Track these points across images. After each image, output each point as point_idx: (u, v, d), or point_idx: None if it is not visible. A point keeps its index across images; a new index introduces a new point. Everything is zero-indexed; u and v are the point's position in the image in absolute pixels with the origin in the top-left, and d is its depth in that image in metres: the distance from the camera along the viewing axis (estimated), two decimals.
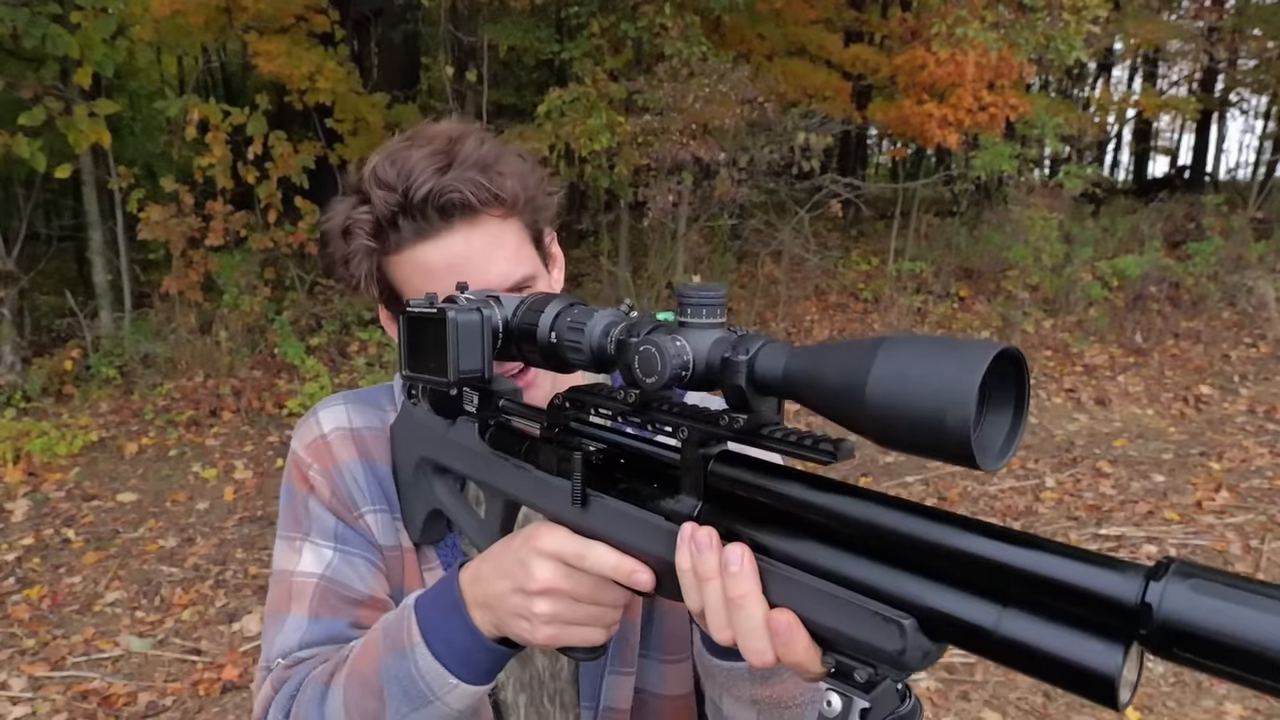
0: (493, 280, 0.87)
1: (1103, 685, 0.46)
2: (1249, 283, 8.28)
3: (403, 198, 0.85)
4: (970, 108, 7.25)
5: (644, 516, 0.68)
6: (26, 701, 3.31)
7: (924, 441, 0.49)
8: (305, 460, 1.00)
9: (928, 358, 0.49)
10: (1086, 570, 0.47)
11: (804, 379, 0.56)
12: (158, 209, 6.94)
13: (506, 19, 8.35)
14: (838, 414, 0.53)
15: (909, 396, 0.48)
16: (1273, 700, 2.96)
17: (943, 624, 0.52)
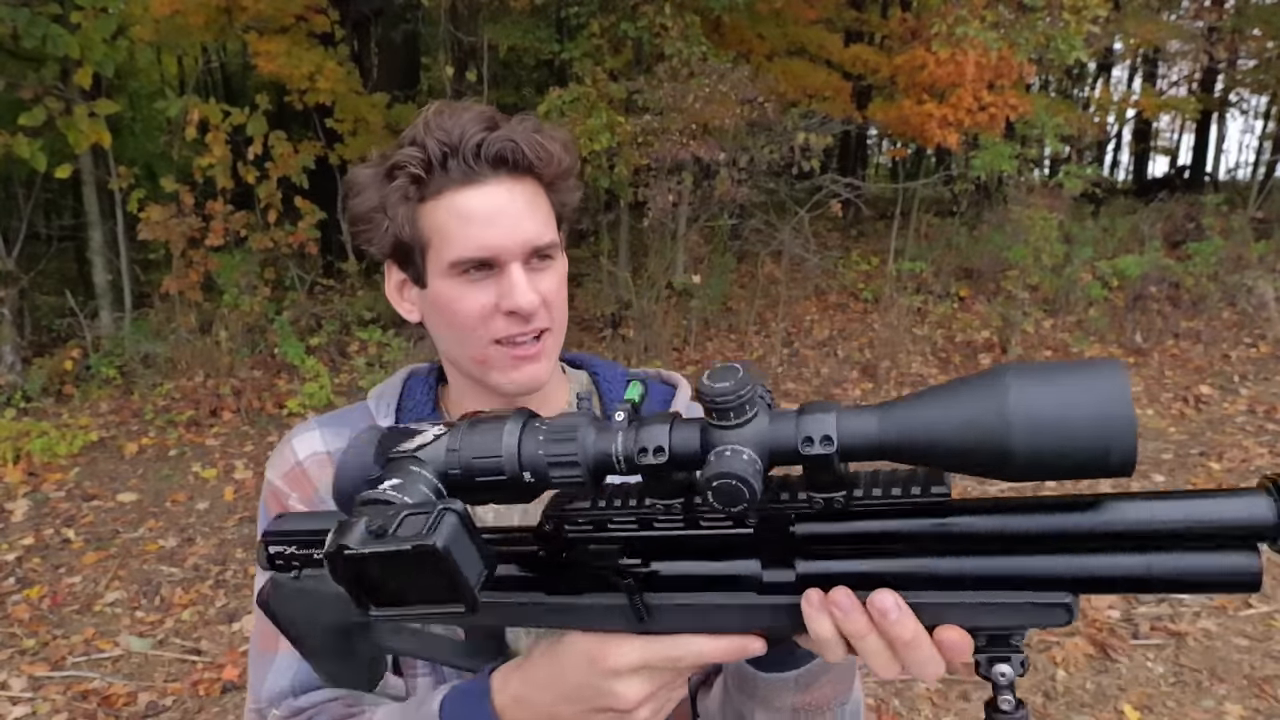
0: (527, 234, 0.87)
1: (1252, 583, 0.52)
2: (1249, 283, 8.28)
3: (458, 141, 0.86)
4: (970, 108, 7.25)
5: (728, 601, 0.64)
6: (26, 701, 3.31)
7: (1084, 471, 0.49)
8: (283, 490, 0.97)
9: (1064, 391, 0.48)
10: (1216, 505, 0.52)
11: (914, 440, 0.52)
12: (158, 209, 6.94)
13: (506, 19, 8.35)
14: (967, 467, 0.51)
15: (1066, 437, 0.48)
16: (1271, 700, 2.94)
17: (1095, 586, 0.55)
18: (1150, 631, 3.51)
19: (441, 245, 0.87)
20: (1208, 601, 3.71)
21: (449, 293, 0.89)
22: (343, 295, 8.00)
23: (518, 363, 0.90)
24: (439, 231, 0.87)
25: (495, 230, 0.86)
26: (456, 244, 0.87)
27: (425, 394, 1.01)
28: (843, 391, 6.79)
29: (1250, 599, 3.70)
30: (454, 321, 0.90)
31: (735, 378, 0.55)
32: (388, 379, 1.04)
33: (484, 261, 0.87)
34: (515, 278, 0.87)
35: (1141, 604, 3.72)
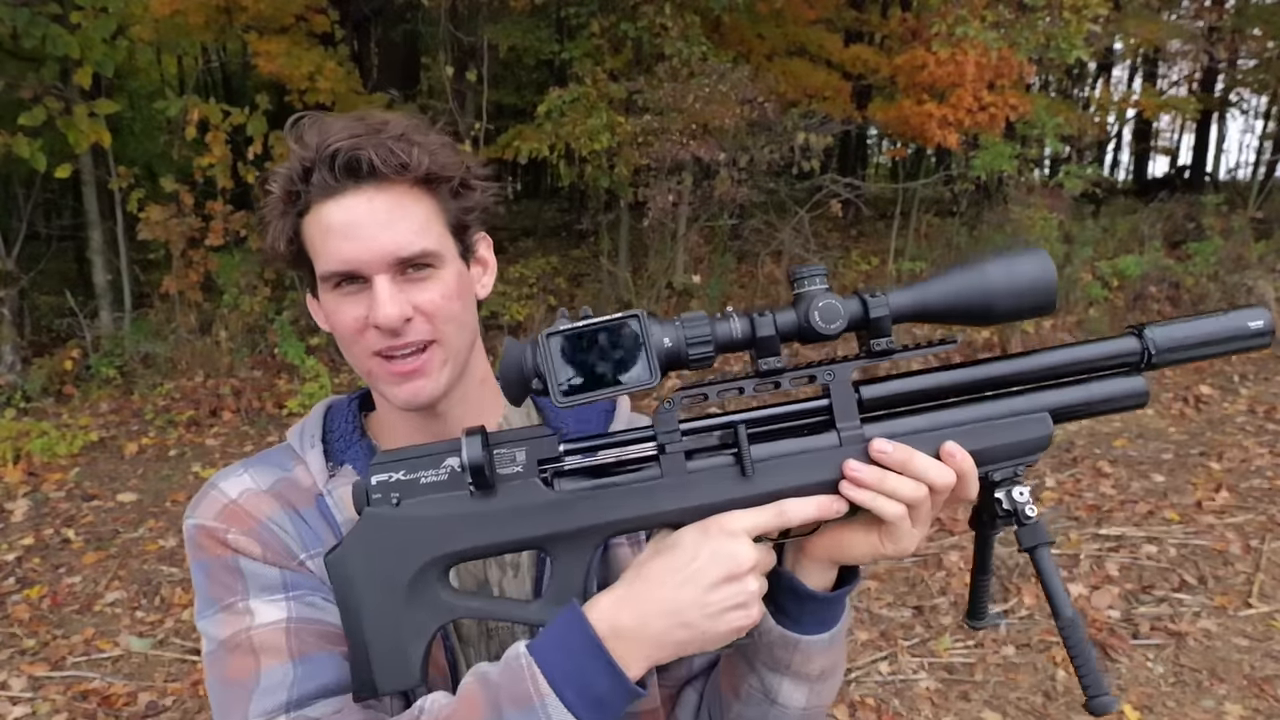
0: (385, 245, 0.83)
1: (1142, 398, 0.84)
2: (1249, 283, 8.28)
3: (315, 153, 0.84)
4: (970, 108, 7.25)
5: (819, 456, 0.79)
6: (26, 701, 3.31)
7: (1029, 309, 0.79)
8: (218, 527, 0.89)
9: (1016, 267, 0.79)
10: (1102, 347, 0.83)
11: (937, 301, 0.80)
12: (158, 209, 6.94)
13: (506, 19, 8.35)
14: (966, 319, 0.80)
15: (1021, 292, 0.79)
16: (1271, 700, 2.94)
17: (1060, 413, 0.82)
18: (1150, 631, 3.51)
19: (316, 259, 0.87)
20: (1208, 601, 3.71)
21: (328, 306, 0.89)
22: None
23: (399, 378, 0.87)
24: (312, 246, 0.87)
25: (351, 243, 0.84)
26: (322, 259, 0.86)
27: (349, 422, 0.98)
28: None
29: (1250, 599, 3.70)
30: (337, 334, 0.89)
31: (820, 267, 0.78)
32: (306, 416, 1.01)
33: (347, 274, 0.85)
34: (378, 291, 0.84)
35: (1141, 604, 3.72)
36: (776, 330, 0.76)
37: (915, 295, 0.79)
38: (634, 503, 0.79)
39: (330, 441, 0.97)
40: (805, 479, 0.79)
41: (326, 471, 0.93)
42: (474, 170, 0.92)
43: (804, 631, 0.88)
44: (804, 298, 0.76)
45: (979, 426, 0.80)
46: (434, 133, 0.89)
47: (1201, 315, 0.83)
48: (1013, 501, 0.80)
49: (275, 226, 0.88)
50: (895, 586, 3.93)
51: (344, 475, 0.93)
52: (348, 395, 1.04)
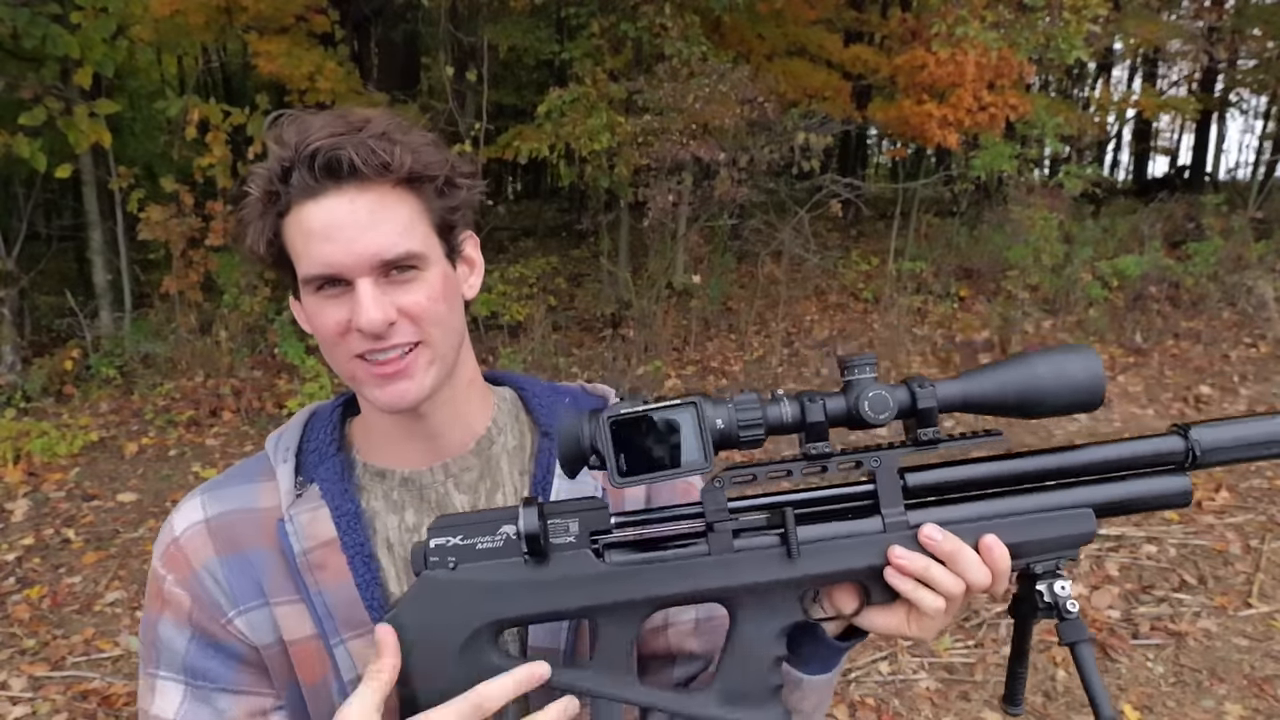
0: (370, 247, 0.81)
1: (1186, 498, 0.83)
2: (1249, 283, 8.28)
3: (294, 152, 0.81)
4: (970, 108, 7.25)
5: (863, 541, 0.81)
6: (26, 701, 3.31)
7: (1076, 406, 0.81)
8: (161, 573, 0.91)
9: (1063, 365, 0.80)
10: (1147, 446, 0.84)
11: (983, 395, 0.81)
12: (158, 209, 6.93)
13: (506, 19, 8.35)
14: (1013, 411, 0.81)
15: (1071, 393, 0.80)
16: (1271, 700, 2.94)
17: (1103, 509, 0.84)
18: (1150, 631, 3.51)
19: (297, 262, 0.85)
20: (1208, 601, 3.71)
21: (310, 308, 0.86)
22: None
23: (382, 380, 0.85)
24: (293, 248, 0.85)
25: (332, 246, 0.81)
26: (304, 262, 0.84)
27: (328, 433, 0.96)
28: None
29: (1250, 599, 3.70)
30: (319, 336, 0.87)
31: (866, 354, 0.80)
32: (288, 421, 0.99)
33: (329, 278, 0.83)
34: (360, 294, 0.82)
35: (1141, 604, 3.73)
36: (826, 416, 0.78)
37: (963, 388, 0.80)
38: (681, 578, 0.81)
39: (305, 454, 0.94)
40: (848, 564, 0.81)
41: (294, 491, 0.91)
42: (459, 168, 0.89)
43: (808, 672, 0.89)
44: (854, 386, 0.78)
45: (1022, 520, 0.82)
46: (417, 130, 0.87)
47: (1249, 417, 0.83)
48: (1054, 595, 0.82)
49: (255, 228, 0.85)
50: None
51: (309, 498, 0.91)
52: (332, 400, 1.02)
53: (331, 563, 0.89)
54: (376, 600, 0.89)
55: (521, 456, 0.98)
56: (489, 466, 0.97)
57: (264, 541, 0.90)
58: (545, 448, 0.97)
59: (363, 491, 0.94)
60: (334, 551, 0.89)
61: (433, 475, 0.95)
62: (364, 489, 0.95)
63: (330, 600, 0.88)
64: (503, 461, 0.97)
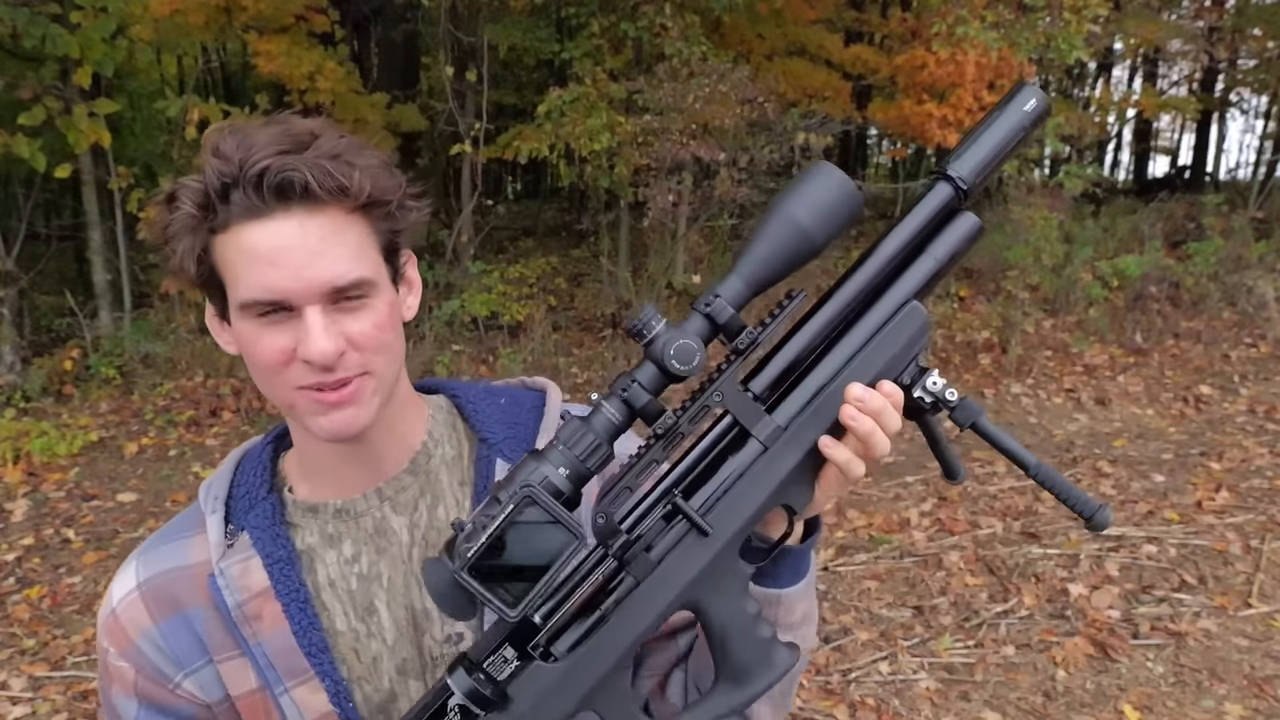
0: (321, 274, 0.77)
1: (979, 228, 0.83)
2: (1249, 283, 8.28)
3: (238, 170, 0.75)
4: (970, 108, 7.25)
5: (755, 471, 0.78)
6: (26, 701, 3.32)
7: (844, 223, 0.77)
8: (104, 646, 0.90)
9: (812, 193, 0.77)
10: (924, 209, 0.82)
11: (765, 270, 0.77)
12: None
13: (506, 19, 8.36)
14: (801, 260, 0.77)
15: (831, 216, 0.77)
16: (1271, 700, 2.94)
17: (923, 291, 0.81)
18: (1150, 631, 3.51)
19: (234, 283, 0.78)
20: (1208, 601, 3.71)
21: (246, 334, 0.80)
22: None
23: (326, 409, 0.81)
24: (230, 268, 0.78)
25: (280, 272, 0.76)
26: (243, 285, 0.77)
27: (259, 475, 0.92)
28: None
29: (1250, 599, 3.70)
30: (255, 363, 0.81)
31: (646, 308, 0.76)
32: (219, 466, 0.95)
33: (274, 304, 0.77)
34: (309, 324, 0.77)
35: (1141, 604, 3.72)
36: (651, 393, 0.75)
37: (743, 277, 0.76)
38: (632, 621, 0.77)
39: (235, 500, 0.91)
40: (758, 499, 0.78)
41: (224, 543, 0.88)
42: (408, 190, 0.85)
43: (783, 586, 0.87)
44: (654, 346, 0.74)
45: (868, 352, 0.80)
46: (368, 149, 0.82)
47: (981, 125, 0.81)
48: (930, 392, 0.81)
49: (184, 244, 0.79)
50: (895, 586, 3.93)
51: (239, 548, 0.87)
52: (262, 438, 0.97)
53: (267, 612, 0.86)
54: (316, 644, 0.86)
55: (460, 466, 0.95)
56: (428, 482, 0.93)
57: (200, 598, 0.87)
58: (484, 455, 0.93)
59: (297, 530, 0.91)
60: (269, 600, 0.86)
61: (367, 501, 0.91)
62: (297, 527, 0.91)
63: (270, 650, 0.86)
64: (442, 474, 0.94)
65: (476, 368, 7.08)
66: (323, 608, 0.89)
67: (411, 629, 0.91)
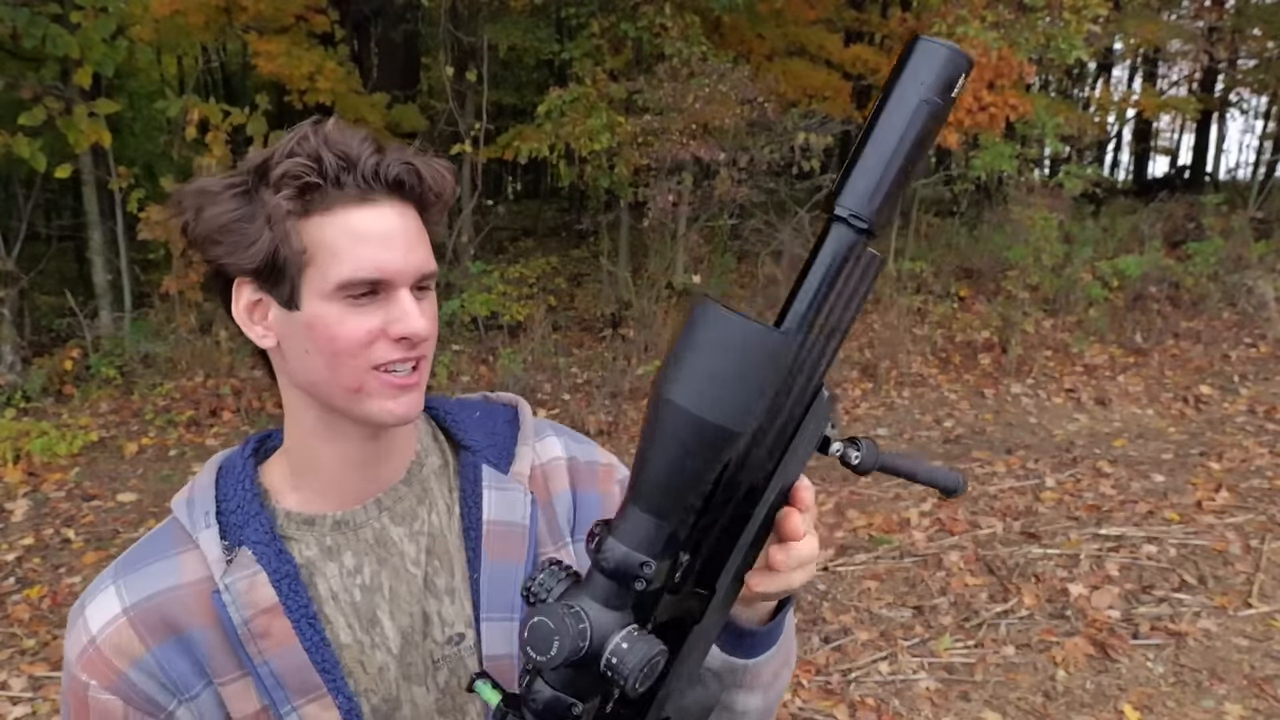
0: (416, 259, 0.83)
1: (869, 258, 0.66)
2: (1249, 283, 8.28)
3: (356, 158, 0.81)
4: (970, 108, 7.25)
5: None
6: (27, 701, 3.31)
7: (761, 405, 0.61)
8: (82, 680, 0.84)
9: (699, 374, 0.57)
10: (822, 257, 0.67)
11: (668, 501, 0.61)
12: (158, 209, 6.93)
13: (506, 19, 8.36)
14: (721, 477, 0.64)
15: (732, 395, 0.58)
16: (1271, 700, 2.94)
17: None
18: (1150, 631, 3.51)
19: (328, 264, 0.80)
20: (1208, 601, 3.71)
21: (329, 315, 0.81)
22: None
23: (397, 392, 0.84)
24: (327, 249, 0.80)
25: (390, 253, 0.81)
26: (348, 264, 0.80)
27: (246, 488, 0.91)
28: (842, 391, 6.79)
29: (1250, 599, 3.70)
30: (332, 346, 0.82)
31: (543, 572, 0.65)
32: (194, 481, 0.92)
33: (377, 284, 0.81)
34: (406, 303, 0.82)
35: (1141, 604, 3.72)
36: None
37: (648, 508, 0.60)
38: None
39: (225, 514, 0.88)
40: None
41: (224, 558, 0.85)
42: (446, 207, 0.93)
43: (752, 655, 0.85)
44: None
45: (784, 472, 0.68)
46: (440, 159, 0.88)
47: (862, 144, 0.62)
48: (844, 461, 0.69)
49: (277, 224, 0.80)
50: (895, 586, 3.93)
51: (242, 563, 0.85)
52: (239, 449, 0.96)
53: (275, 629, 0.84)
54: (327, 660, 0.85)
55: (447, 474, 0.97)
56: (423, 491, 0.95)
57: (200, 619, 0.84)
58: (469, 461, 0.95)
59: (292, 543, 0.89)
60: (277, 616, 0.84)
61: (366, 512, 0.92)
62: (293, 540, 0.90)
63: (277, 668, 0.84)
64: (431, 482, 0.96)
65: (476, 368, 7.08)
66: (326, 621, 0.88)
67: (415, 635, 0.91)
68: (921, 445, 5.72)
